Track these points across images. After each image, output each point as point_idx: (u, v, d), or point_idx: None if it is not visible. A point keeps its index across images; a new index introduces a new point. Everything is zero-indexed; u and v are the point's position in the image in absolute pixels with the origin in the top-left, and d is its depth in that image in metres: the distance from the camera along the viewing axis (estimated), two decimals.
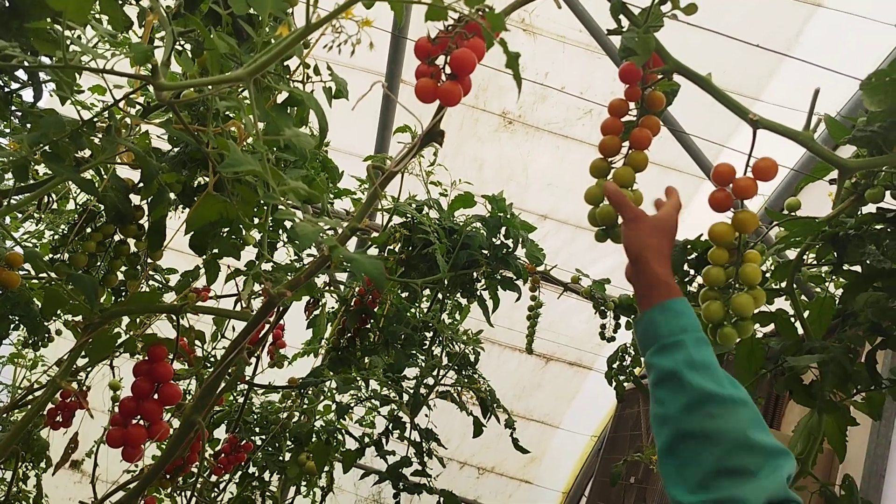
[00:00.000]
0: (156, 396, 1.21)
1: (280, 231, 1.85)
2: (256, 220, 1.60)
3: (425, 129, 1.21)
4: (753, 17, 3.04)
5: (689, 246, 1.66)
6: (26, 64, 1.11)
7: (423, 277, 2.49)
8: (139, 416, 1.19)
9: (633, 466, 3.79)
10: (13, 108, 1.31)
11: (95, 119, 1.22)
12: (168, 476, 1.61)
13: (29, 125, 1.29)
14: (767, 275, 1.78)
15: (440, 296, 2.71)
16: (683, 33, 2.84)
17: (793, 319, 1.71)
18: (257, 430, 2.96)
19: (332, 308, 2.82)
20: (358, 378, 2.38)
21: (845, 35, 3.03)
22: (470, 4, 0.89)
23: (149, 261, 1.88)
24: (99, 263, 1.86)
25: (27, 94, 1.40)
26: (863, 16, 2.86)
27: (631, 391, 3.08)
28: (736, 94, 3.17)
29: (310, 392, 2.98)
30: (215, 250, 1.68)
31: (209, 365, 2.31)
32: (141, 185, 1.42)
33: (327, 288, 2.76)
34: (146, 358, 1.22)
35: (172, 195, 1.64)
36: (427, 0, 0.85)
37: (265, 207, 1.54)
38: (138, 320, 1.62)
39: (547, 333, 4.57)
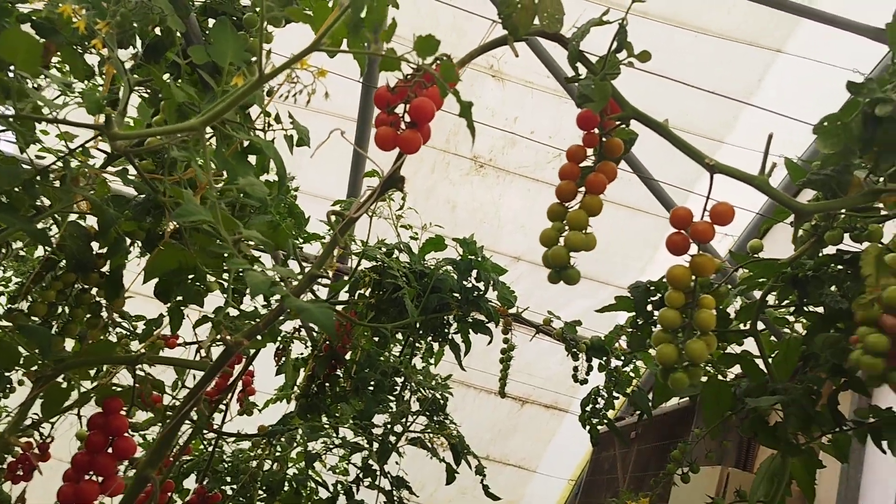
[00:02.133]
0: (110, 450, 1.18)
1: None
2: (225, 267, 1.59)
3: (385, 175, 1.22)
4: (717, 62, 3.12)
5: (651, 287, 1.67)
6: None
7: (393, 322, 2.48)
8: (92, 472, 1.16)
9: None
10: None
11: (53, 168, 1.21)
12: None
13: None
14: (732, 315, 1.79)
15: (411, 340, 2.69)
16: (647, 81, 2.90)
17: (759, 361, 1.72)
18: (228, 479, 2.90)
19: (303, 354, 2.78)
20: (327, 425, 2.34)
21: (806, 80, 3.11)
22: (422, 55, 0.90)
23: (112, 309, 1.85)
24: (60, 312, 1.83)
25: None
26: (822, 61, 2.94)
27: (605, 434, 3.06)
28: (701, 137, 3.26)
29: (282, 440, 2.93)
30: (179, 298, 1.66)
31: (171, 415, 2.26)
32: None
33: (296, 334, 2.73)
34: (101, 410, 1.19)
35: (138, 242, 1.62)
36: (381, 52, 0.86)
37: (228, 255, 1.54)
38: (102, 370, 1.59)
39: (522, 376, 4.56)
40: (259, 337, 1.94)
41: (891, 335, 1.21)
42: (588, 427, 2.88)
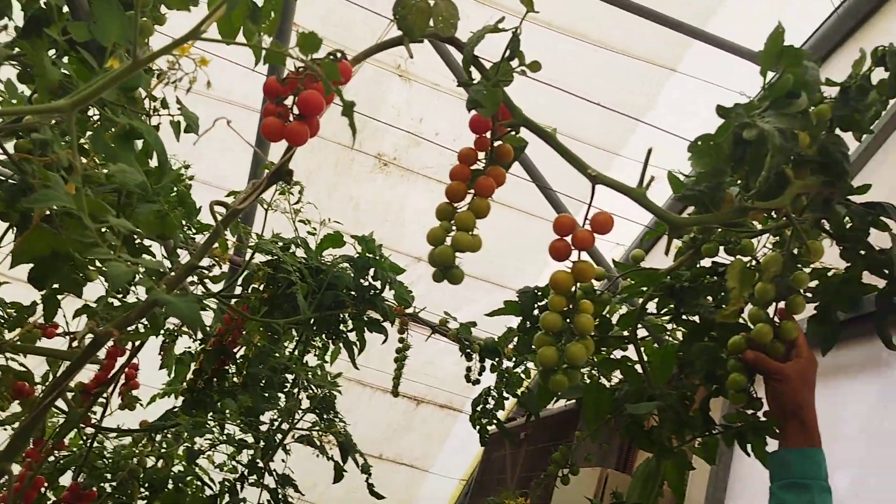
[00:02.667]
0: None
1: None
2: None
3: (273, 167, 1.20)
4: (616, 77, 3.23)
5: (539, 293, 1.71)
6: None
7: (286, 318, 2.44)
8: None
9: None
10: None
11: None
12: None
13: None
14: (615, 322, 1.86)
15: (305, 337, 2.66)
16: (550, 92, 2.98)
17: (638, 367, 1.79)
18: (108, 476, 2.78)
19: (190, 348, 2.71)
20: (210, 421, 2.28)
21: (698, 99, 3.27)
22: (304, 52, 0.89)
23: None
24: None
25: None
26: (712, 82, 3.09)
27: (497, 435, 3.12)
28: (598, 149, 3.36)
29: (168, 436, 2.84)
30: (55, 285, 1.58)
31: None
32: None
33: (183, 328, 2.65)
34: None
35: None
36: (265, 45, 0.84)
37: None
38: None
39: (419, 376, 4.57)
40: (141, 330, 1.88)
41: (752, 367, 1.44)
42: (478, 427, 2.93)
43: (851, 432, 2.04)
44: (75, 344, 1.33)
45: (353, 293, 2.58)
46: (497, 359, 2.91)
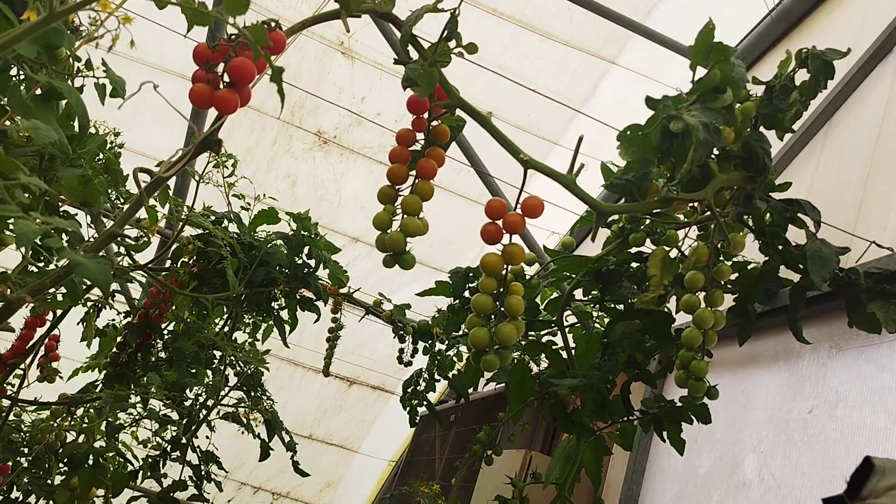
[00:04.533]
0: None
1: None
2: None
3: (202, 135, 1.17)
4: (558, 67, 3.26)
5: (471, 274, 1.72)
6: None
7: (216, 293, 2.40)
8: None
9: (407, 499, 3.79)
10: None
11: None
12: None
13: None
14: (542, 307, 1.89)
15: (234, 313, 2.62)
16: (495, 78, 3.00)
17: (562, 351, 1.83)
18: (25, 450, 2.69)
19: (115, 321, 2.63)
20: (132, 396, 2.23)
21: (636, 92, 3.33)
22: (231, 14, 0.87)
23: None
24: None
25: None
26: (650, 77, 3.15)
27: (427, 417, 3.14)
28: (540, 137, 3.39)
29: (90, 410, 2.76)
30: None
31: None
32: None
33: (109, 299, 2.58)
34: None
35: None
36: (184, 3, 0.82)
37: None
38: None
39: (353, 357, 4.56)
40: (59, 298, 1.82)
41: None
42: (408, 408, 2.94)
43: (761, 419, 2.13)
44: None
45: (285, 270, 2.55)
46: (430, 341, 2.92)
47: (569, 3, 2.68)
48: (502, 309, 1.29)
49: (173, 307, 2.52)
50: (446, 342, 2.95)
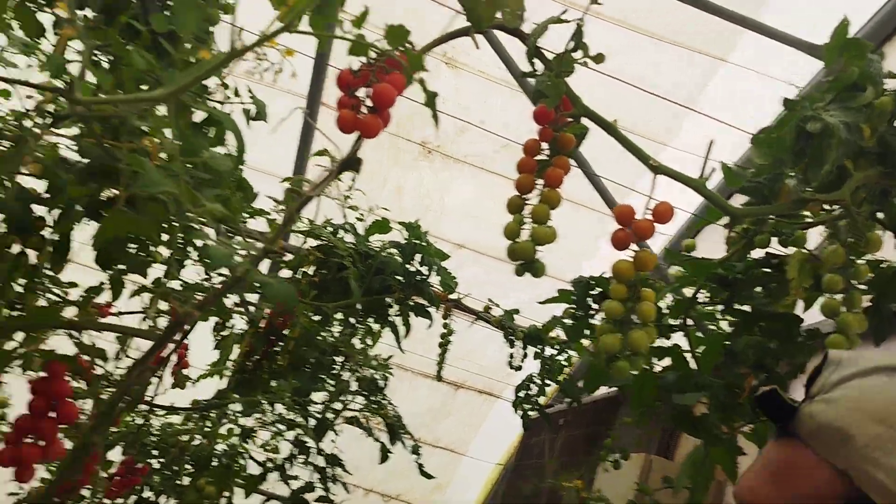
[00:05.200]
0: (53, 415, 1.17)
1: (189, 249, 1.82)
2: (166, 238, 1.58)
3: (344, 156, 1.24)
4: (664, 67, 3.21)
5: (592, 282, 1.73)
6: None
7: (335, 301, 2.49)
8: (33, 435, 1.15)
9: (538, 495, 3.83)
10: None
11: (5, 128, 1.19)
12: (58, 499, 1.55)
13: None
14: (666, 311, 1.88)
15: (352, 320, 2.71)
16: (603, 81, 2.98)
17: (686, 354, 1.81)
18: (155, 452, 2.87)
19: (242, 329, 2.77)
20: (262, 401, 2.35)
21: (747, 89, 3.24)
22: (392, 44, 0.92)
23: (49, 274, 1.82)
24: None
25: None
26: (761, 72, 3.06)
27: (535, 420, 3.15)
28: (646, 139, 3.35)
29: (212, 415, 2.92)
30: (121, 266, 1.64)
31: (107, 384, 2.23)
32: (47, 196, 1.38)
33: (237, 309, 2.71)
34: (44, 374, 1.18)
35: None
36: (350, 36, 0.88)
37: (175, 225, 1.52)
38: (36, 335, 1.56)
39: (462, 362, 4.61)
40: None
41: None
42: (521, 412, 2.96)
43: None
44: (151, 323, 1.39)
45: (399, 278, 2.62)
46: (540, 346, 2.93)
47: (676, 3, 2.64)
48: (633, 315, 1.30)
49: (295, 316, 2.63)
50: (557, 347, 2.95)
